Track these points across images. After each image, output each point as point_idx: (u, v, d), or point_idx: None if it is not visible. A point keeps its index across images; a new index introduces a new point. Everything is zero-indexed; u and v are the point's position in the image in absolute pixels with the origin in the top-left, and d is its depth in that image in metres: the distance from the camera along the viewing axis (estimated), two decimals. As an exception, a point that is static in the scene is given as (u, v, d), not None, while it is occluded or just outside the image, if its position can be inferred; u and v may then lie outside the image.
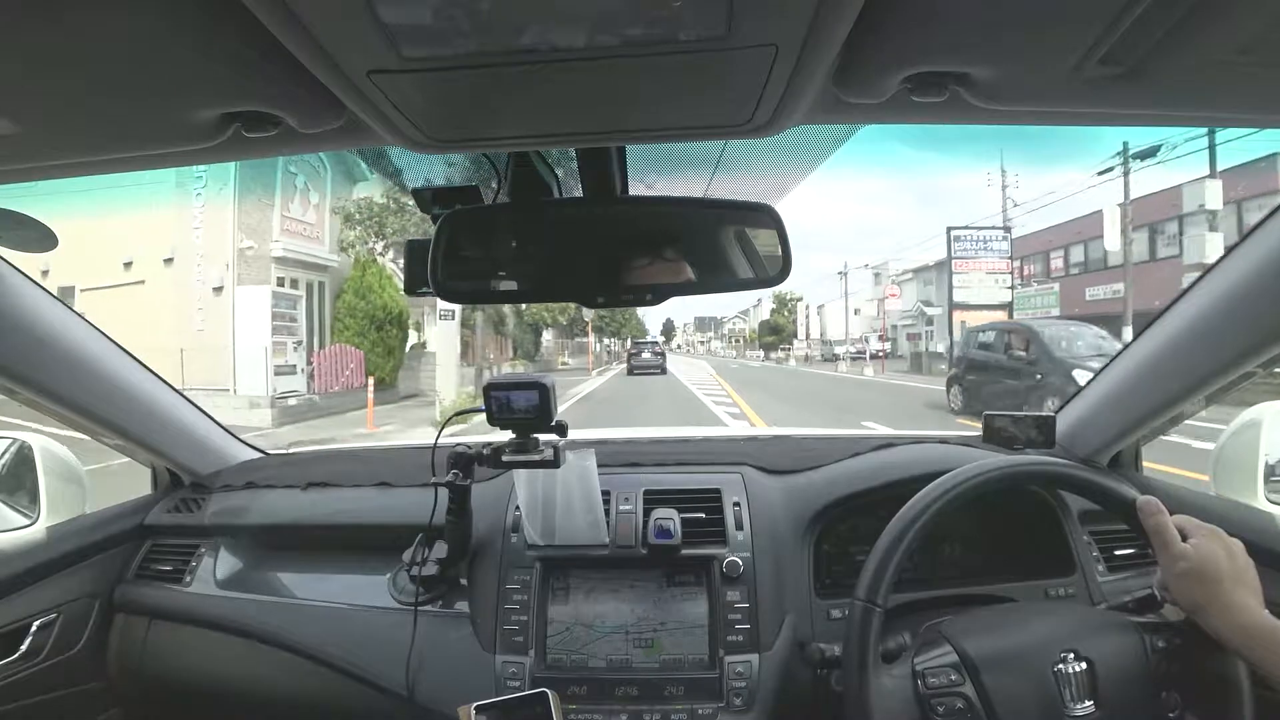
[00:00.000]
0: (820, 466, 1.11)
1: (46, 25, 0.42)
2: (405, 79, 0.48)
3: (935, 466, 0.90)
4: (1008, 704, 0.67)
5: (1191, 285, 0.93)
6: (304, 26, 0.41)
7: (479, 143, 0.67)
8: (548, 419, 0.88)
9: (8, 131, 0.54)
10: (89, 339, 1.04)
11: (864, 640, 0.70)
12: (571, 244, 0.79)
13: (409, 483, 1.15)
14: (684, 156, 0.87)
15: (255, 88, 0.52)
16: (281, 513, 1.17)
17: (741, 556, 0.97)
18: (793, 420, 9.41)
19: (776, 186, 1.02)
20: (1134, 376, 1.05)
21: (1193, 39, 0.44)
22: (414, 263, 0.79)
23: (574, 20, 0.42)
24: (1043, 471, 0.80)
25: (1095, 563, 1.01)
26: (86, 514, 1.18)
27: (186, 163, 0.65)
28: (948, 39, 0.47)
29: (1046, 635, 0.72)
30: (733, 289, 0.79)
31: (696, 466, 1.14)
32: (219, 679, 1.07)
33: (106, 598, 1.11)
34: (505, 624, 0.95)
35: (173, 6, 0.42)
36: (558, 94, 0.53)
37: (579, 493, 1.00)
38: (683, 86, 0.52)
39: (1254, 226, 0.84)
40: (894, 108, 0.56)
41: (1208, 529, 0.70)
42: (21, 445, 1.15)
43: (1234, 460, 1.05)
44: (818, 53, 0.46)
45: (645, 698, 0.90)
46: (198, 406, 1.29)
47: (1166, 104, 0.54)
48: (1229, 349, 0.89)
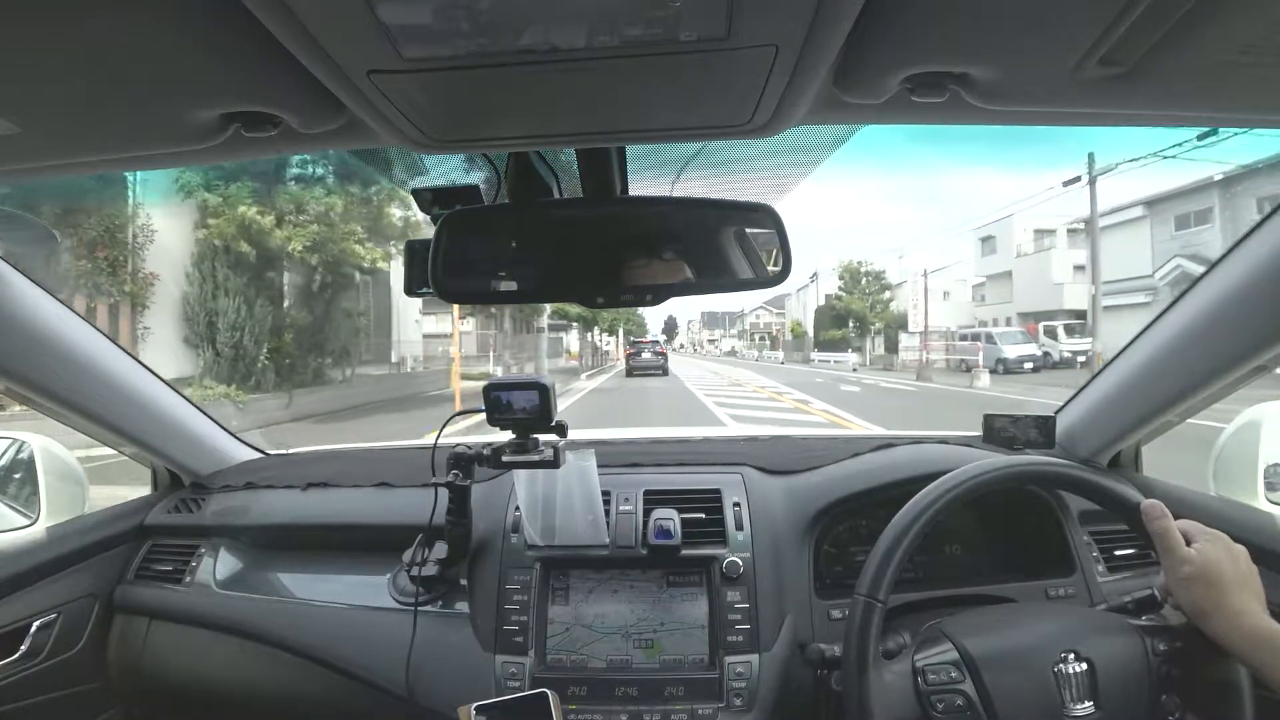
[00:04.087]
0: (820, 467, 1.11)
1: (46, 25, 0.42)
2: (405, 79, 0.48)
3: (935, 467, 0.90)
4: (1007, 702, 0.67)
5: (1191, 286, 0.93)
6: (304, 26, 0.41)
7: (479, 143, 0.67)
8: (547, 419, 0.88)
9: (8, 131, 0.54)
10: (89, 339, 1.04)
11: (865, 635, 0.70)
12: (571, 244, 0.79)
13: (409, 483, 1.16)
14: (684, 156, 0.87)
15: (255, 88, 0.52)
16: (281, 513, 1.17)
17: (741, 557, 0.97)
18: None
19: (776, 186, 1.02)
20: (1134, 377, 1.05)
21: (1193, 39, 0.44)
22: (414, 263, 0.79)
23: (574, 21, 0.42)
24: (1045, 472, 0.80)
25: (1095, 563, 1.01)
26: (86, 514, 1.18)
27: (186, 163, 0.65)
28: (948, 39, 0.47)
29: (1047, 635, 0.72)
30: (732, 289, 0.78)
31: (696, 467, 1.14)
32: (219, 679, 1.07)
33: (106, 598, 1.11)
34: (505, 624, 0.95)
35: (173, 7, 0.42)
36: (558, 94, 0.53)
37: (579, 493, 1.00)
38: (683, 87, 0.52)
39: (1253, 227, 0.84)
40: (894, 108, 0.57)
41: (1211, 534, 0.70)
42: (21, 445, 1.16)
43: (1234, 460, 1.05)
44: (818, 53, 0.46)
45: (645, 698, 0.90)
46: (198, 407, 1.29)
47: (1166, 104, 0.54)
48: (1228, 349, 0.89)
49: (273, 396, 9.43)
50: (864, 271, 31.92)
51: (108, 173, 4.30)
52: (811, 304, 39.38)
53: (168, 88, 0.51)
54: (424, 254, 0.75)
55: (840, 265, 32.70)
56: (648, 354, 21.88)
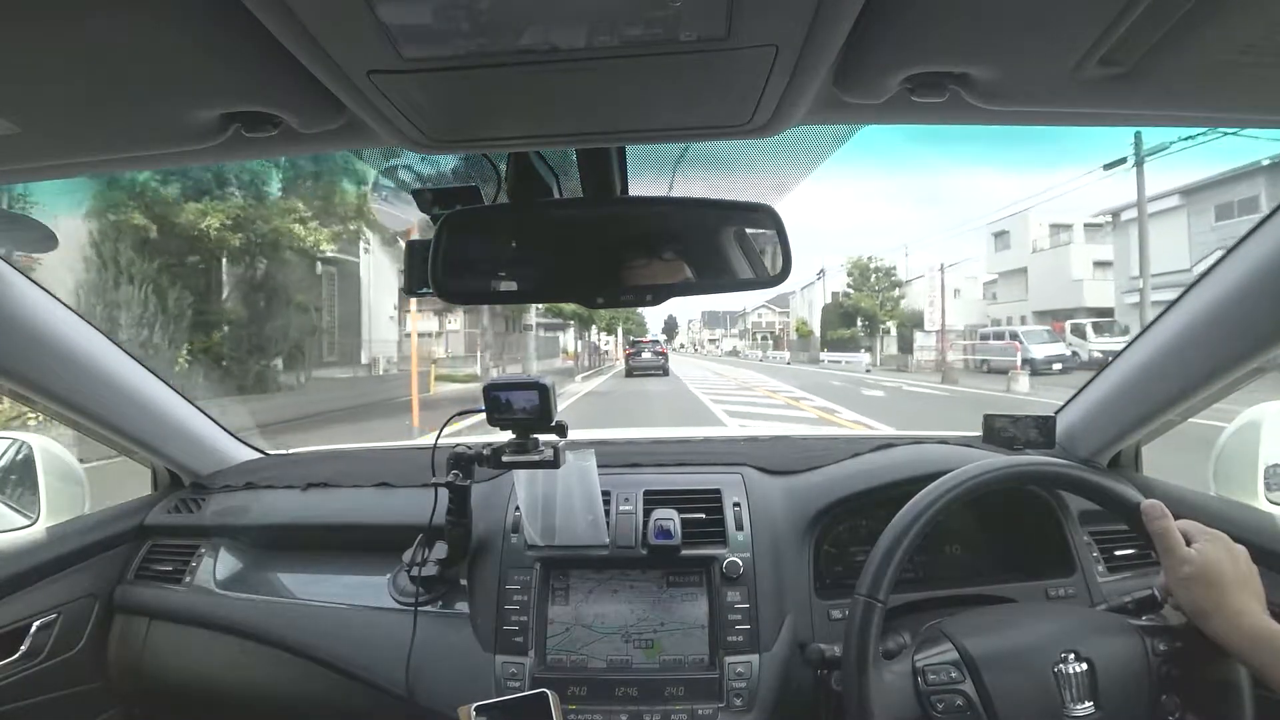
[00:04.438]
0: (820, 467, 1.11)
1: (47, 25, 0.42)
2: (405, 79, 0.48)
3: (935, 467, 0.90)
4: (1007, 702, 0.67)
5: (1191, 286, 0.93)
6: (304, 26, 0.41)
7: (479, 143, 0.67)
8: (547, 419, 0.88)
9: (8, 131, 0.54)
10: (89, 339, 1.04)
11: (865, 635, 0.70)
12: (571, 244, 0.79)
13: (409, 483, 1.16)
14: (684, 156, 0.87)
15: (255, 88, 0.52)
16: (281, 513, 1.17)
17: (741, 557, 0.97)
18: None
19: (776, 186, 1.02)
20: (1134, 377, 1.05)
21: (1193, 39, 0.44)
22: (414, 263, 0.79)
23: (574, 21, 0.42)
24: (1045, 472, 0.80)
25: (1095, 563, 1.01)
26: (86, 514, 1.18)
27: (186, 163, 0.65)
28: (948, 39, 0.47)
29: (1047, 635, 0.72)
30: (732, 289, 0.79)
31: (696, 467, 1.14)
32: (219, 679, 1.07)
33: (106, 598, 1.11)
34: (505, 624, 0.95)
35: (173, 7, 0.42)
36: (558, 94, 0.53)
37: (579, 493, 1.00)
38: (683, 87, 0.52)
39: (1253, 228, 0.84)
40: (894, 108, 0.57)
41: (1211, 534, 0.70)
42: (21, 445, 1.16)
43: (1234, 460, 1.05)
44: (818, 53, 0.46)
45: (645, 698, 0.90)
46: (198, 406, 1.29)
47: (1166, 104, 0.54)
48: (1228, 350, 0.89)
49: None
50: (874, 268, 29.87)
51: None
52: (818, 302, 37.88)
53: (168, 88, 0.51)
54: (424, 254, 0.75)
55: (849, 261, 30.78)
56: (648, 353, 21.12)
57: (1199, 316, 0.92)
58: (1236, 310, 0.86)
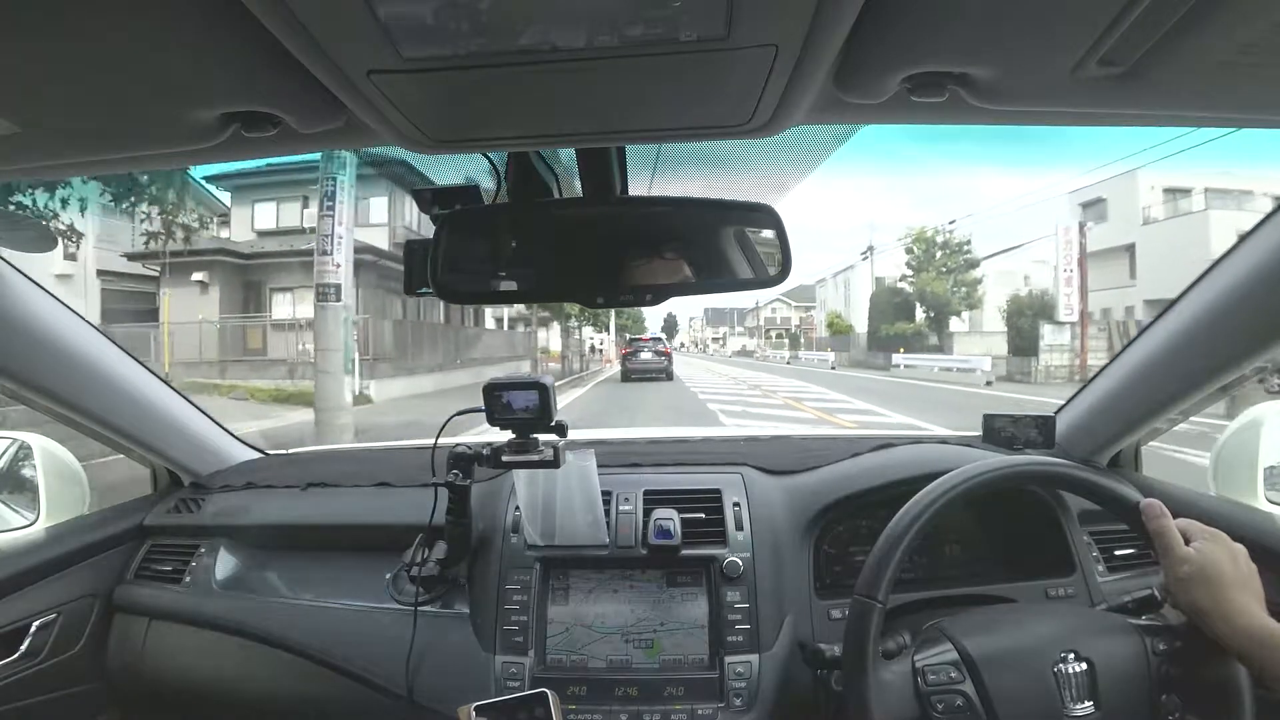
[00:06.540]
0: (820, 467, 1.11)
1: (47, 25, 0.42)
2: (405, 79, 0.48)
3: (935, 466, 0.90)
4: (1007, 702, 0.67)
5: (1190, 286, 0.93)
6: (304, 26, 0.41)
7: (479, 143, 0.67)
8: (548, 419, 0.88)
9: (8, 131, 0.54)
10: (89, 339, 1.04)
11: (864, 635, 0.70)
12: (571, 244, 0.79)
13: (409, 483, 1.16)
14: (684, 156, 0.87)
15: (255, 88, 0.52)
16: (281, 513, 1.17)
17: (741, 557, 0.97)
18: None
19: (776, 186, 1.02)
20: (1133, 377, 1.05)
21: (1193, 39, 0.44)
22: (414, 263, 0.80)
23: (574, 20, 0.42)
24: (1045, 472, 0.80)
25: (1095, 563, 1.01)
26: (86, 514, 1.18)
27: (186, 163, 0.65)
28: (948, 39, 0.47)
29: (1047, 635, 0.72)
30: (732, 289, 0.79)
31: (696, 467, 1.14)
32: (218, 679, 1.07)
33: (106, 598, 1.11)
34: (505, 624, 0.95)
35: (173, 7, 0.42)
36: (557, 94, 0.53)
37: (579, 493, 1.00)
38: (683, 87, 0.52)
39: (1252, 229, 0.84)
40: (894, 108, 0.56)
41: (1210, 533, 0.70)
42: (21, 445, 1.16)
43: (1234, 460, 1.05)
44: (818, 53, 0.46)
45: (645, 698, 0.90)
46: (198, 407, 1.29)
47: (1166, 104, 0.54)
48: (1227, 349, 0.89)
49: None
50: (943, 242, 21.93)
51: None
52: (862, 289, 29.53)
53: (167, 88, 0.51)
54: (424, 254, 0.75)
55: (910, 234, 23.14)
56: (647, 354, 18.00)
57: (1199, 316, 0.92)
58: (1236, 310, 0.86)
